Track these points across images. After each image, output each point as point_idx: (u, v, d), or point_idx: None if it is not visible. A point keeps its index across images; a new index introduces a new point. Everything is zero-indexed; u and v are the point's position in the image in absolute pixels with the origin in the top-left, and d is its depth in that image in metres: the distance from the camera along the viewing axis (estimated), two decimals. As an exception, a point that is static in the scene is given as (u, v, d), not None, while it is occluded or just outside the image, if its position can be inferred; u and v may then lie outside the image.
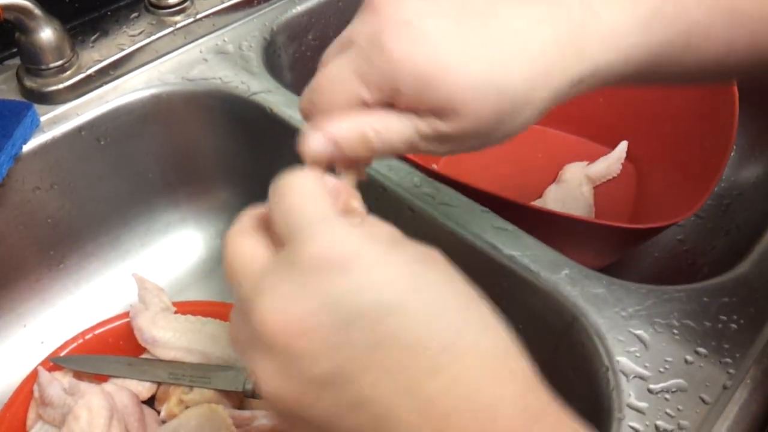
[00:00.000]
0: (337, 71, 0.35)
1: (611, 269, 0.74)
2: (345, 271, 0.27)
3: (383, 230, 0.30)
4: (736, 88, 0.71)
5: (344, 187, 0.34)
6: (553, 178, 0.82)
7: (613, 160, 0.83)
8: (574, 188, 0.79)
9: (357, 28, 0.35)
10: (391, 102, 0.34)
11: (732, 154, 0.78)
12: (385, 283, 0.28)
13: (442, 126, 0.34)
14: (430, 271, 0.29)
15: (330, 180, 0.34)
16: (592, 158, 0.84)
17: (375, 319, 0.27)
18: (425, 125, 0.34)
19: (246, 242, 0.31)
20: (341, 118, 0.34)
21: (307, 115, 0.36)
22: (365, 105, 0.34)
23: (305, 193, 0.30)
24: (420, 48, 0.33)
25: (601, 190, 0.81)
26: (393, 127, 0.34)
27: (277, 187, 0.31)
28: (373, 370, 0.27)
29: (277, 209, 0.30)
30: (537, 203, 0.77)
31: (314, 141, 0.34)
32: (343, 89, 0.34)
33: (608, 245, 0.68)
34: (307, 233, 0.28)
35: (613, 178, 0.83)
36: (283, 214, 0.30)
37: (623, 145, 0.84)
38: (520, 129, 0.36)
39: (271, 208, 0.31)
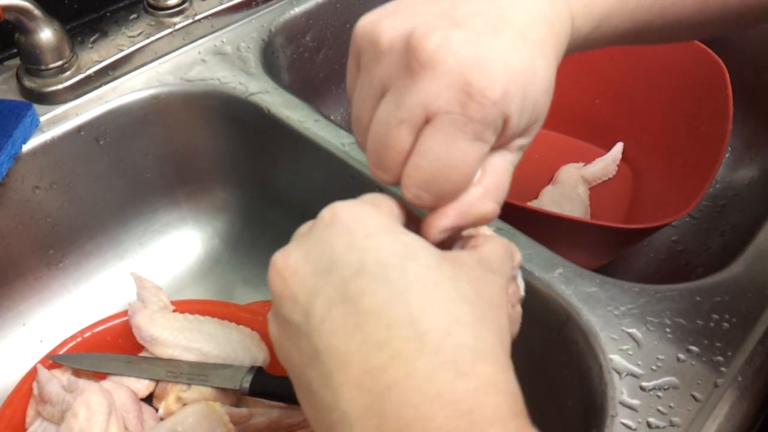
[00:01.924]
0: (449, 150, 0.32)
1: (607, 269, 0.74)
2: (347, 231, 0.30)
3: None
4: (730, 91, 0.71)
5: None
6: (549, 179, 0.83)
7: (608, 162, 0.83)
8: (570, 189, 0.80)
9: (432, 96, 0.31)
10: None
11: (726, 155, 0.79)
12: (364, 250, 0.29)
13: (528, 139, 0.35)
14: (428, 257, 0.29)
15: None
16: (588, 159, 0.84)
17: (344, 277, 0.28)
18: (516, 146, 0.35)
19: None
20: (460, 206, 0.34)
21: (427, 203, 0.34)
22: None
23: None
24: (505, 70, 0.31)
25: (597, 191, 0.82)
26: (498, 172, 0.34)
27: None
28: (331, 324, 0.28)
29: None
30: (533, 204, 0.78)
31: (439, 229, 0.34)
32: (468, 155, 0.32)
33: (603, 245, 0.69)
34: (333, 205, 0.31)
35: (609, 179, 0.83)
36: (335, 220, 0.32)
37: (619, 147, 0.85)
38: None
39: None
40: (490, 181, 0.34)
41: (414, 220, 0.35)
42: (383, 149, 0.33)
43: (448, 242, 0.35)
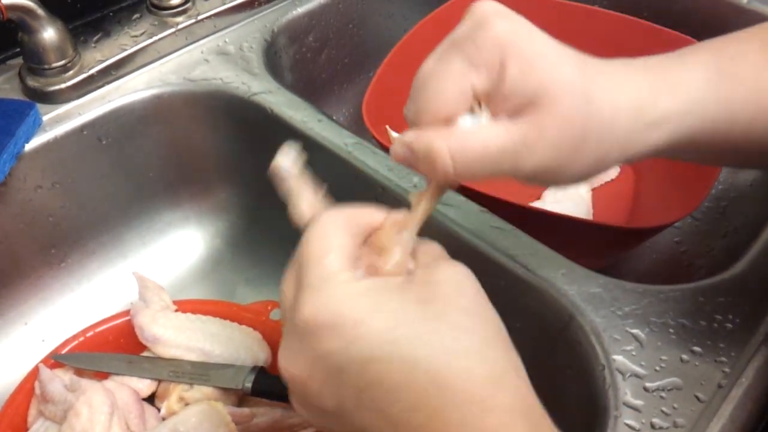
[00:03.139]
0: (442, 63, 0.35)
1: (609, 270, 0.74)
2: (327, 333, 0.32)
3: (386, 281, 0.34)
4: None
5: (387, 220, 0.36)
6: (552, 179, 0.83)
7: (611, 162, 0.83)
8: (572, 190, 0.79)
9: (457, 31, 0.36)
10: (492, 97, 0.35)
11: (729, 156, 0.79)
12: (361, 339, 0.31)
13: (534, 130, 0.34)
14: (408, 323, 0.32)
15: (369, 215, 0.36)
16: (590, 160, 0.84)
17: (358, 370, 0.31)
18: (519, 133, 0.34)
19: (285, 284, 0.36)
20: (429, 129, 0.35)
21: (412, 123, 0.36)
22: (474, 97, 0.35)
23: (320, 247, 0.34)
24: (524, 32, 0.34)
25: (600, 192, 0.82)
26: (479, 143, 0.34)
27: (307, 229, 0.35)
28: (365, 407, 0.31)
29: (298, 255, 0.35)
30: (536, 204, 0.78)
31: (396, 145, 0.36)
32: (451, 77, 0.35)
33: (606, 246, 0.69)
34: (305, 296, 0.33)
35: (611, 180, 0.83)
36: (299, 263, 0.34)
37: (621, 148, 0.84)
38: (596, 160, 0.36)
39: (299, 249, 0.35)
40: (458, 131, 0.35)
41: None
42: None
43: None
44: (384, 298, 0.33)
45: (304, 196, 0.39)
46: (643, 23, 0.78)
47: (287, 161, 0.39)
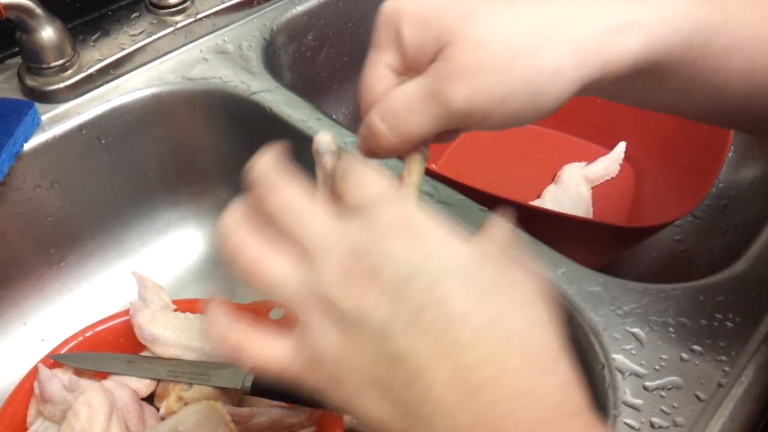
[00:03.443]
0: (366, 60, 0.37)
1: (609, 269, 0.74)
2: (412, 237, 0.30)
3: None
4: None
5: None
6: (552, 178, 0.83)
7: (611, 161, 0.83)
8: (572, 189, 0.79)
9: None
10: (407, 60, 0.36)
11: (729, 154, 0.79)
12: (442, 256, 0.29)
13: (443, 63, 0.34)
14: (494, 261, 0.30)
15: None
16: (590, 159, 0.84)
17: (427, 285, 0.29)
18: (431, 71, 0.35)
19: (309, 196, 0.33)
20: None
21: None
22: (395, 73, 0.37)
23: (379, 177, 0.32)
24: None
25: (600, 190, 0.82)
26: (399, 94, 0.35)
27: (352, 168, 0.33)
28: (418, 328, 0.28)
29: (354, 182, 0.32)
30: (536, 203, 0.78)
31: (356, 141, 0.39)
32: (370, 68, 0.37)
33: (606, 245, 0.69)
34: (388, 204, 0.31)
35: (612, 178, 0.83)
36: (359, 188, 0.32)
37: (621, 146, 0.84)
38: (550, 72, 0.34)
39: (346, 182, 0.33)
40: (382, 99, 0.36)
41: None
42: None
43: None
44: (468, 236, 0.31)
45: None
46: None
47: (328, 138, 0.39)
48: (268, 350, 0.32)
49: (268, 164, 0.35)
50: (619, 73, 0.35)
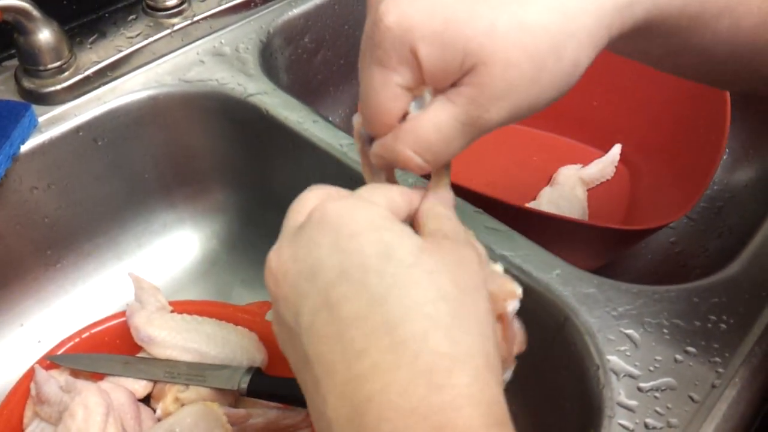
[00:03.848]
0: (366, 78, 0.35)
1: (604, 271, 0.74)
2: (333, 231, 0.30)
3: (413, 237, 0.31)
4: (728, 92, 0.71)
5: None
6: (548, 180, 0.83)
7: (606, 163, 0.83)
8: (568, 191, 0.80)
9: (364, 35, 0.35)
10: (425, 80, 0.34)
11: (724, 157, 0.79)
12: (345, 252, 0.29)
13: (476, 89, 0.33)
14: (404, 254, 0.29)
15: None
16: (586, 161, 0.84)
17: (328, 282, 0.29)
18: (465, 99, 0.33)
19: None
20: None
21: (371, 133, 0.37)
22: (408, 91, 0.34)
23: (373, 191, 0.33)
24: (417, 12, 0.33)
25: (595, 192, 0.82)
26: (431, 126, 0.34)
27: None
28: (317, 330, 0.29)
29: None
30: (531, 205, 0.78)
31: (372, 156, 0.37)
32: (378, 89, 0.34)
33: (601, 247, 0.69)
34: (324, 203, 0.31)
35: (607, 180, 0.83)
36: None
37: (617, 148, 0.85)
38: (570, 69, 0.34)
39: None
40: (407, 126, 0.34)
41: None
42: None
43: None
44: (391, 226, 0.31)
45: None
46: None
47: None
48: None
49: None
50: (618, 39, 0.36)
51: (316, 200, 0.33)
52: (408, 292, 0.28)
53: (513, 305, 0.34)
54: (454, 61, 0.32)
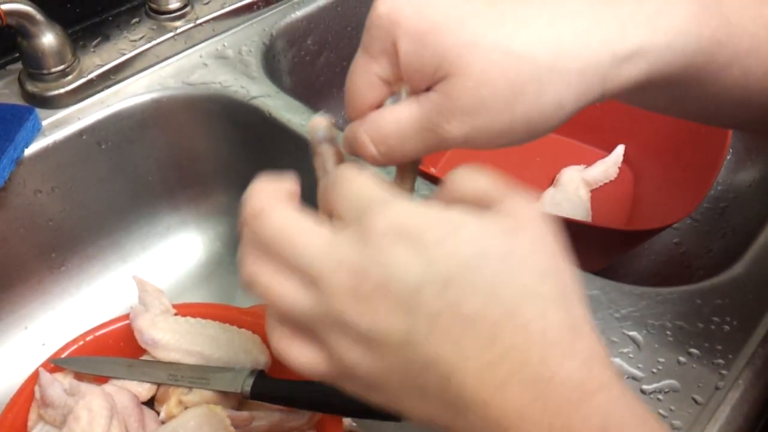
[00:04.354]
0: (354, 62, 0.36)
1: (608, 271, 0.74)
2: (413, 243, 0.29)
3: (461, 208, 0.31)
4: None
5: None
6: (551, 181, 0.83)
7: (610, 164, 0.83)
8: (571, 192, 0.80)
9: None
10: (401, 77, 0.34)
11: (728, 157, 0.79)
12: (444, 259, 0.29)
13: (443, 97, 0.33)
14: (497, 245, 0.29)
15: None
16: (589, 162, 0.84)
17: (436, 291, 0.29)
18: (430, 104, 0.33)
19: (299, 217, 0.32)
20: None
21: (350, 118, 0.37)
22: (386, 83, 0.35)
23: (367, 180, 0.32)
24: (409, 6, 0.33)
25: (599, 193, 0.82)
26: (392, 119, 0.34)
27: (338, 177, 0.32)
28: (437, 335, 0.29)
29: (341, 193, 0.32)
30: (534, 206, 0.78)
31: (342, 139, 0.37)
32: (358, 73, 0.35)
33: (605, 248, 0.69)
34: (378, 209, 0.30)
35: (610, 181, 0.83)
36: (347, 197, 0.31)
37: (620, 149, 0.85)
38: (551, 109, 0.33)
39: (334, 193, 0.32)
40: (373, 114, 0.35)
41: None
42: None
43: None
44: (466, 219, 0.30)
45: (334, 159, 0.38)
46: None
47: (324, 124, 0.38)
48: (305, 360, 0.32)
49: (254, 193, 0.34)
50: (616, 95, 0.35)
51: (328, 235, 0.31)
52: (515, 279, 0.29)
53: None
54: (430, 65, 0.33)
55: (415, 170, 0.37)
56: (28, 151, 0.60)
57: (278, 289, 0.32)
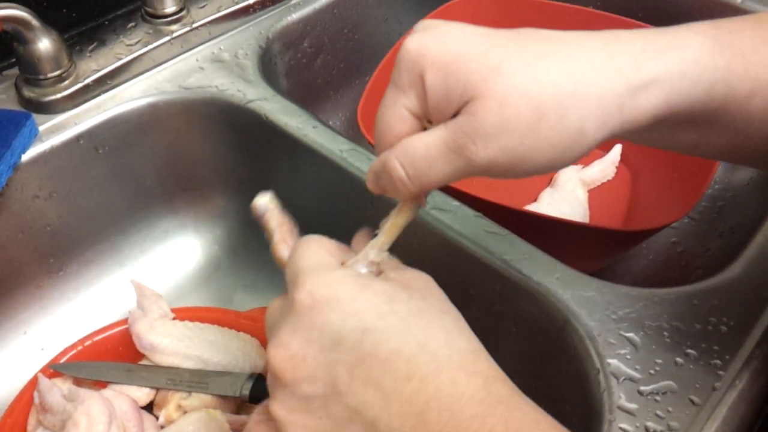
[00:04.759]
0: (384, 96, 0.37)
1: (606, 271, 0.74)
2: (326, 307, 0.34)
3: (369, 273, 0.38)
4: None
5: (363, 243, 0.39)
6: (548, 181, 0.83)
7: (607, 164, 0.83)
8: (568, 192, 0.80)
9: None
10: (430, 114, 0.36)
11: (725, 156, 0.79)
12: (359, 313, 0.33)
13: (468, 119, 0.34)
14: (398, 300, 0.35)
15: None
16: (586, 162, 0.84)
17: (354, 341, 0.33)
18: (455, 125, 0.34)
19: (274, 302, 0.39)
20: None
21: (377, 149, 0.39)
22: (414, 116, 0.36)
23: (306, 249, 0.37)
24: (434, 41, 0.35)
25: (596, 193, 0.82)
26: (420, 143, 0.36)
27: (295, 246, 0.38)
28: (359, 383, 0.33)
29: (288, 262, 0.38)
30: (531, 207, 0.78)
31: (367, 176, 0.39)
32: (387, 107, 0.37)
33: (602, 249, 0.69)
34: (298, 281, 0.35)
35: (608, 181, 0.83)
36: (290, 266, 0.37)
37: (617, 149, 0.85)
38: (574, 134, 0.34)
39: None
40: (403, 141, 0.37)
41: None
42: None
43: None
44: (372, 281, 0.35)
45: (283, 229, 0.43)
46: (637, 24, 0.79)
47: (264, 199, 0.43)
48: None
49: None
50: (638, 127, 0.36)
51: (279, 302, 0.38)
52: (420, 319, 0.34)
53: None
54: (455, 90, 0.34)
55: (415, 211, 0.39)
56: (26, 157, 0.60)
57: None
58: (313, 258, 0.36)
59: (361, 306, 0.34)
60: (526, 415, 0.32)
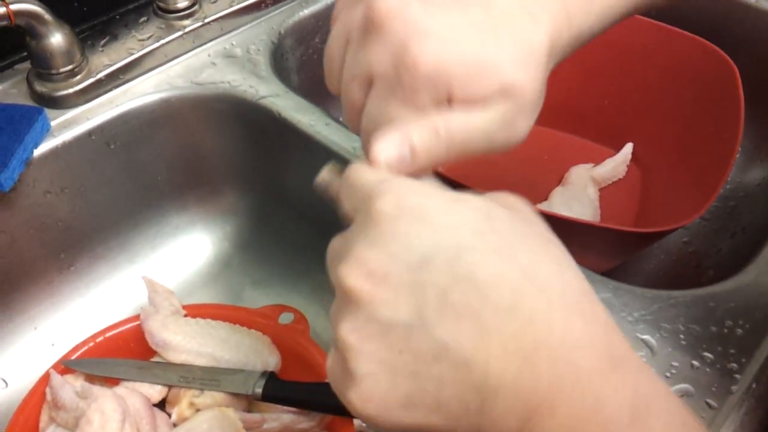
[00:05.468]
0: (382, 111, 0.34)
1: (617, 271, 0.74)
2: (416, 218, 0.28)
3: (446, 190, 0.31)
4: (741, 91, 0.71)
5: None
6: (559, 180, 0.83)
7: (618, 162, 0.83)
8: (579, 190, 0.79)
9: (375, 57, 0.33)
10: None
11: (737, 155, 0.79)
12: (453, 228, 0.28)
13: (498, 109, 0.33)
14: (498, 219, 0.29)
15: None
16: (597, 160, 0.84)
17: (447, 260, 0.27)
18: (491, 115, 0.33)
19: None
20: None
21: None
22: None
23: (361, 169, 0.32)
24: (449, 46, 0.32)
25: (607, 192, 0.82)
26: (461, 125, 0.33)
27: (344, 179, 0.33)
28: (450, 312, 0.27)
29: (347, 190, 0.32)
30: (543, 205, 0.78)
31: (387, 148, 0.33)
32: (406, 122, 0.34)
33: (614, 249, 0.69)
34: (378, 190, 0.29)
35: (619, 180, 0.83)
36: (348, 193, 0.32)
37: (628, 147, 0.84)
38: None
39: (343, 195, 0.33)
40: (446, 121, 0.34)
41: None
42: (344, 100, 0.36)
43: None
44: (468, 196, 0.30)
45: None
46: (650, 22, 0.78)
47: (323, 173, 0.39)
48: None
49: None
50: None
51: (341, 236, 0.32)
52: (525, 242, 0.28)
53: None
54: (489, 89, 0.33)
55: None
56: (38, 152, 0.60)
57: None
58: (369, 172, 0.32)
59: (456, 220, 0.28)
60: (654, 384, 0.27)
